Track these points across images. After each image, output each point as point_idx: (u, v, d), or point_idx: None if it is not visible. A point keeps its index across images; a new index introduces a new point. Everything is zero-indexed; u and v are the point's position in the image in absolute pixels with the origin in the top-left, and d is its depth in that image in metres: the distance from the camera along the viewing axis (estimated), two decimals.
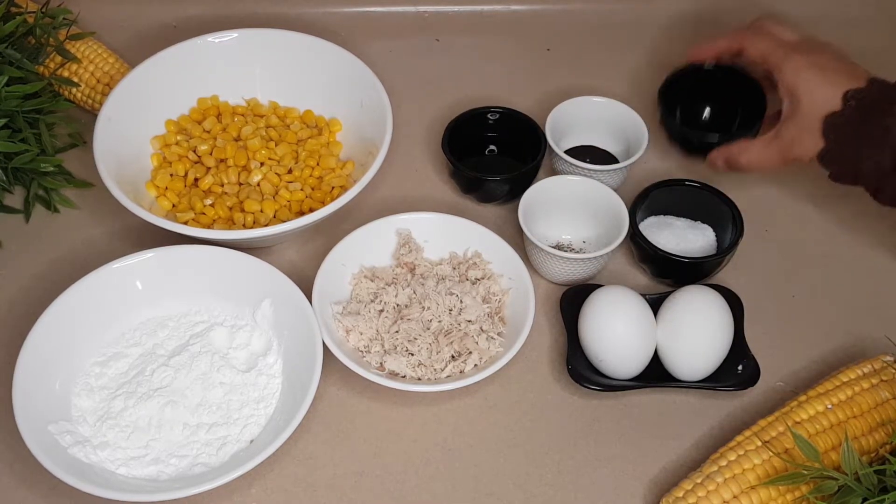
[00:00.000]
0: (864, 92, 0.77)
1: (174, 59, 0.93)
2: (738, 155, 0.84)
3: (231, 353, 0.80)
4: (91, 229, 0.90)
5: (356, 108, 0.93)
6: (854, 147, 0.77)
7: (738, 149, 0.85)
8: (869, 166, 0.77)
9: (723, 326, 0.78)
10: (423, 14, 1.09)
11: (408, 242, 0.85)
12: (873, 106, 0.76)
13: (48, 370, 0.76)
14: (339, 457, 0.76)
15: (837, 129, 0.78)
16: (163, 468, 0.73)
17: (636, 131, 0.91)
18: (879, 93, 0.77)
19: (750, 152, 0.84)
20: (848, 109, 0.77)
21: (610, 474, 0.75)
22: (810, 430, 0.71)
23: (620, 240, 0.83)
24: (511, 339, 0.79)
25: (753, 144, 0.84)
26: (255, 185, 0.89)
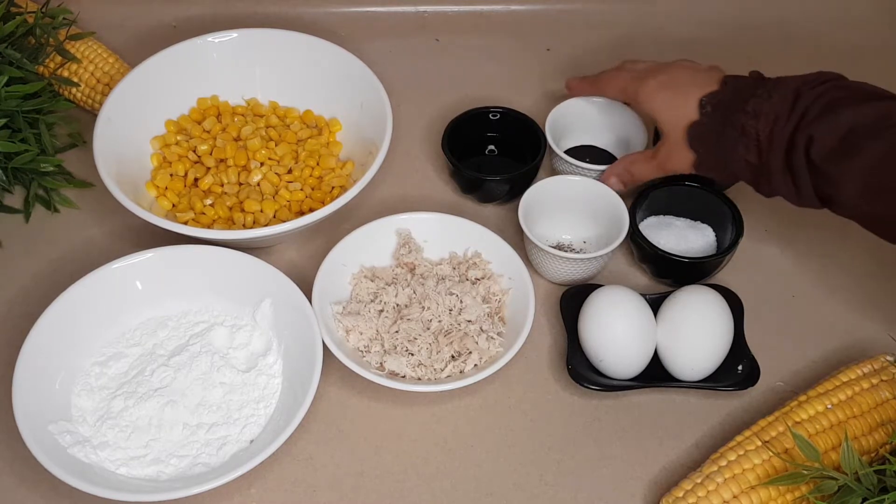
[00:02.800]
0: (717, 95, 0.78)
1: (174, 59, 0.93)
2: (629, 166, 0.86)
3: (231, 353, 0.80)
4: (91, 229, 0.90)
5: (356, 108, 0.93)
6: (722, 152, 0.78)
7: (628, 160, 0.86)
8: (739, 166, 0.78)
9: (723, 326, 0.78)
10: (423, 14, 1.09)
11: (408, 242, 0.85)
12: (728, 106, 0.77)
13: (48, 370, 0.76)
14: (339, 457, 0.76)
15: (701, 138, 0.79)
16: (163, 468, 0.73)
17: (636, 131, 0.91)
18: (733, 92, 0.78)
19: (635, 167, 0.86)
20: (705, 117, 0.79)
21: (610, 474, 0.75)
22: (810, 430, 0.71)
23: (620, 240, 0.83)
24: (511, 339, 0.79)
25: (637, 159, 0.86)
26: (255, 185, 0.89)
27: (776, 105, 0.75)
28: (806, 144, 0.73)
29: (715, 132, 0.78)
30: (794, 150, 0.74)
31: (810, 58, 0.98)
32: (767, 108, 0.75)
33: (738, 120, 0.76)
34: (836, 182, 0.72)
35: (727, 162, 0.78)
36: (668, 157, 0.83)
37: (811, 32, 1.09)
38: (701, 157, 0.80)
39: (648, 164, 0.85)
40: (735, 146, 0.77)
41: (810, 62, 0.82)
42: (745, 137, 0.76)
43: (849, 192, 0.72)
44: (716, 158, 0.79)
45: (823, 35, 1.09)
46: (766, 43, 1.08)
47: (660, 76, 0.83)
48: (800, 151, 0.73)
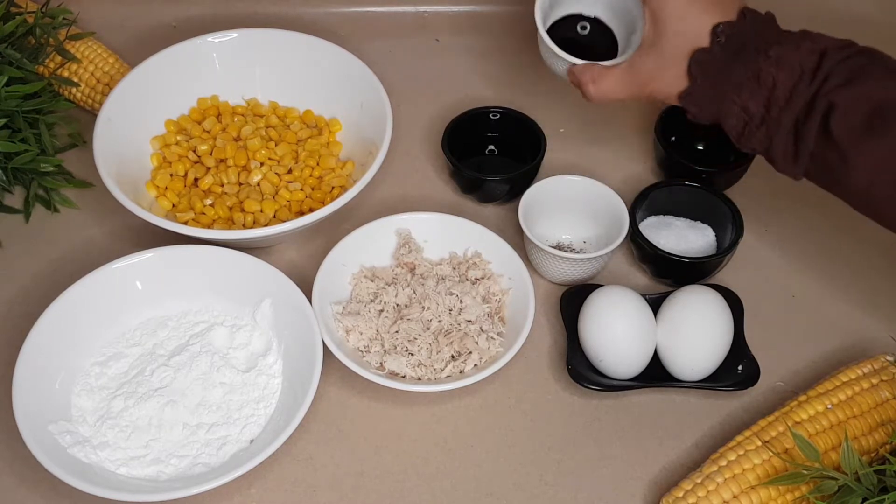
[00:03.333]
0: (735, 27, 0.70)
1: (174, 59, 0.93)
2: (588, 83, 0.77)
3: (231, 353, 0.80)
4: (91, 229, 0.90)
5: (356, 108, 0.93)
6: (720, 89, 0.71)
7: (589, 76, 0.77)
8: (732, 109, 0.71)
9: (723, 326, 0.78)
10: (423, 14, 1.09)
11: (408, 242, 0.85)
12: (745, 44, 0.70)
13: (48, 370, 0.76)
14: (339, 457, 0.76)
15: (703, 68, 0.71)
16: (163, 468, 0.73)
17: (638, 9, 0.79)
18: (752, 29, 0.70)
19: (604, 82, 0.76)
20: (716, 46, 0.70)
21: (610, 474, 0.75)
22: (810, 430, 0.71)
23: (620, 240, 0.83)
24: (511, 339, 0.79)
25: (607, 73, 0.76)
26: (255, 185, 0.89)
27: (803, 58, 0.68)
28: (825, 111, 0.67)
29: (722, 66, 0.70)
30: (812, 113, 0.67)
31: None
32: (793, 59, 0.68)
33: (754, 62, 0.69)
34: (849, 158, 0.67)
35: (721, 102, 0.71)
36: (652, 76, 0.74)
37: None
38: (695, 87, 0.72)
39: (620, 79, 0.76)
40: (739, 88, 0.70)
41: None
42: (756, 83, 0.69)
43: (863, 172, 0.66)
44: (710, 95, 0.72)
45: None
46: None
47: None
48: (817, 116, 0.67)
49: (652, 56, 0.73)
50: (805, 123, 0.68)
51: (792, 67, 0.68)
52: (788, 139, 0.70)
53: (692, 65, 0.71)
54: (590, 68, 0.77)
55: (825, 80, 0.67)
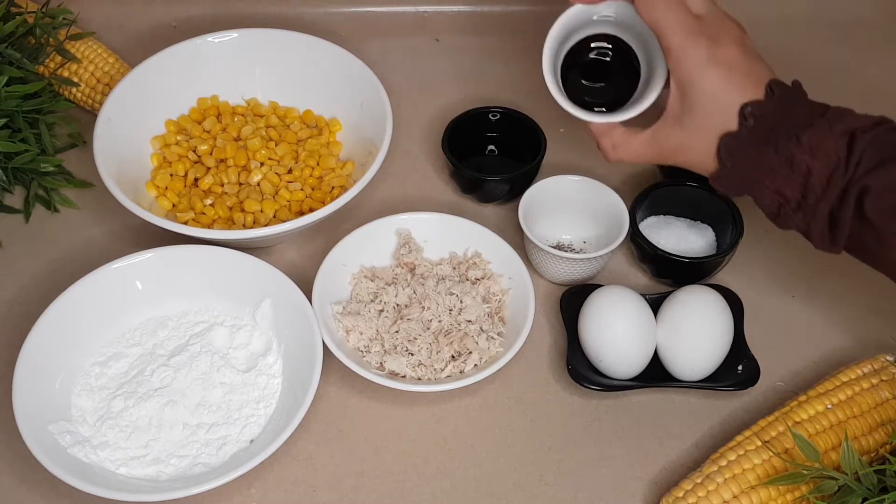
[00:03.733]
0: (763, 107, 0.68)
1: (174, 59, 0.93)
2: (610, 149, 0.76)
3: (231, 353, 0.80)
4: (91, 229, 0.90)
5: (356, 108, 0.93)
6: (751, 173, 0.70)
7: (610, 142, 0.76)
8: (766, 193, 0.70)
9: (723, 326, 0.78)
10: (423, 14, 1.09)
11: (408, 242, 0.85)
12: (774, 127, 0.68)
13: (48, 370, 0.76)
14: (339, 457, 0.76)
15: (732, 153, 0.69)
16: (163, 468, 0.73)
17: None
18: (780, 109, 0.69)
19: (626, 149, 0.75)
20: (744, 130, 0.69)
21: (610, 474, 0.75)
22: (810, 430, 0.71)
23: (620, 240, 0.83)
24: (511, 339, 0.79)
25: (629, 141, 0.75)
26: (255, 185, 0.89)
27: (837, 143, 0.67)
28: (859, 194, 0.66)
29: (752, 152, 0.69)
30: (847, 199, 0.67)
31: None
32: (827, 147, 0.67)
33: (786, 149, 0.68)
34: (885, 238, 0.66)
35: (752, 184, 0.70)
36: (679, 151, 0.72)
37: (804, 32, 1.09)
38: (724, 172, 0.71)
39: (644, 149, 0.74)
40: (773, 175, 0.69)
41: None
42: (789, 170, 0.68)
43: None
44: (741, 178, 0.70)
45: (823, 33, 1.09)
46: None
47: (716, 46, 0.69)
48: (850, 202, 0.67)
49: (678, 130, 0.72)
50: (840, 210, 0.68)
51: (827, 156, 0.67)
52: (825, 224, 0.69)
53: (721, 150, 0.70)
54: (610, 133, 0.76)
55: (857, 165, 0.66)
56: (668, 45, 0.70)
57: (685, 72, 0.69)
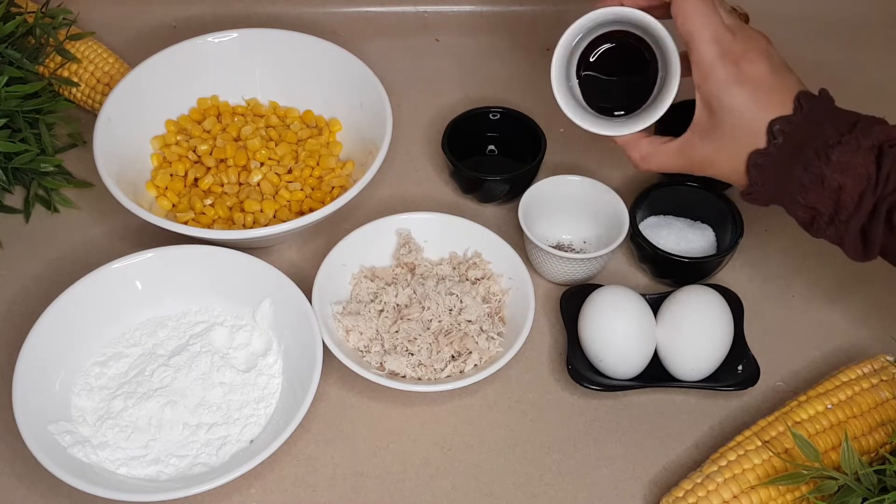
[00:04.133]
0: (791, 122, 0.69)
1: (174, 59, 0.93)
2: (640, 160, 0.77)
3: (231, 353, 0.80)
4: (91, 229, 0.90)
5: (356, 108, 0.93)
6: (782, 188, 0.70)
7: (639, 153, 0.76)
8: (799, 208, 0.70)
9: (723, 326, 0.78)
10: (423, 14, 1.09)
11: (408, 242, 0.85)
12: (803, 144, 0.68)
13: (48, 370, 0.76)
14: (339, 457, 0.76)
15: (762, 171, 0.70)
16: (163, 468, 0.73)
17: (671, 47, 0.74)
18: (809, 124, 0.69)
19: (656, 160, 0.76)
20: (773, 147, 0.69)
21: (610, 474, 0.75)
22: (810, 430, 0.71)
23: (620, 240, 0.83)
24: (511, 339, 0.79)
25: (659, 152, 0.75)
26: (255, 185, 0.89)
27: (865, 159, 0.67)
28: (889, 209, 0.67)
29: (781, 169, 0.69)
30: (877, 214, 0.67)
31: None
32: (857, 165, 0.67)
33: (815, 167, 0.68)
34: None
35: (783, 199, 0.71)
36: (709, 164, 0.73)
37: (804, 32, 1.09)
38: (754, 189, 0.71)
39: (673, 160, 0.75)
40: (805, 191, 0.69)
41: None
42: (820, 187, 0.68)
43: None
44: (772, 193, 0.71)
45: (825, 34, 1.09)
46: None
47: (744, 62, 0.69)
48: (881, 218, 0.67)
49: (706, 144, 0.72)
50: (871, 225, 0.68)
51: (857, 174, 0.67)
52: (857, 238, 0.69)
53: (751, 168, 0.70)
54: (637, 144, 0.76)
55: (886, 181, 0.67)
56: (700, 59, 0.70)
57: (713, 89, 0.70)
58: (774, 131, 0.69)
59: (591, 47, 0.78)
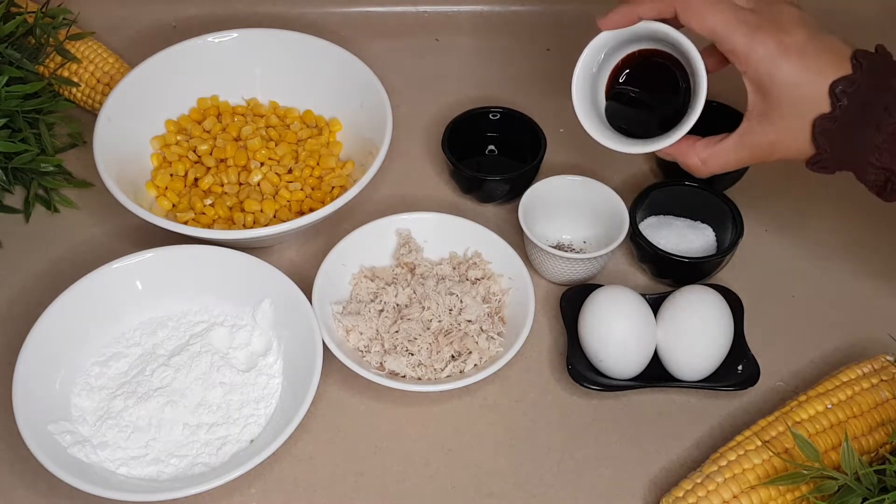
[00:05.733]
0: (853, 82, 0.66)
1: (174, 59, 0.93)
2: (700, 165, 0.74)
3: (231, 353, 0.80)
4: (91, 229, 0.90)
5: (356, 108, 0.93)
6: (853, 152, 0.67)
7: (696, 157, 0.74)
8: (871, 170, 0.68)
9: (723, 326, 0.78)
10: (423, 14, 1.09)
11: (408, 242, 0.85)
12: (870, 102, 0.65)
13: (48, 370, 0.76)
14: (339, 457, 0.76)
15: (830, 136, 0.67)
16: (163, 468, 0.73)
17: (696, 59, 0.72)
18: (871, 81, 0.66)
19: (717, 161, 0.73)
20: (838, 110, 0.66)
21: (610, 474, 0.75)
22: (810, 429, 0.71)
23: (620, 240, 0.83)
24: (511, 339, 0.79)
25: (718, 152, 0.73)
26: (255, 185, 0.89)
27: None
28: None
29: (851, 131, 0.66)
30: None
31: None
32: None
33: (886, 123, 0.65)
34: None
35: (855, 163, 0.68)
36: (774, 148, 0.70)
37: None
38: (824, 156, 0.68)
39: (736, 155, 0.72)
40: (878, 152, 0.66)
41: None
42: (894, 145, 0.65)
43: None
44: (842, 159, 0.68)
45: None
46: None
47: (780, 33, 0.67)
48: None
49: (767, 127, 0.70)
50: None
51: None
52: None
53: (818, 136, 0.67)
54: (692, 150, 0.73)
55: None
56: (732, 46, 0.68)
57: (759, 69, 0.67)
58: (837, 93, 0.66)
59: (615, 69, 0.77)
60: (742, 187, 0.92)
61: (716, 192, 0.88)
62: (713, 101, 0.91)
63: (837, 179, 0.94)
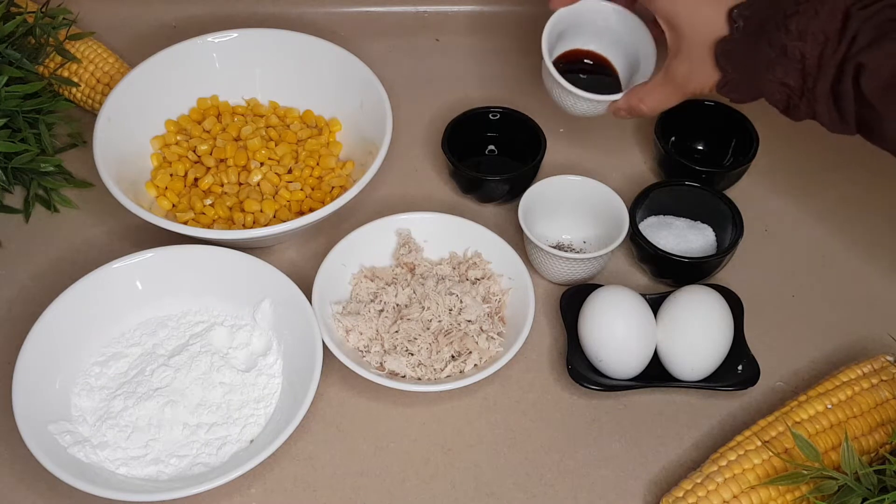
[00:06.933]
0: (750, 5, 0.70)
1: (174, 59, 0.93)
2: (639, 104, 0.79)
3: (231, 353, 0.80)
4: (91, 229, 0.90)
5: (356, 108, 0.93)
6: (753, 72, 0.71)
7: (636, 97, 0.79)
8: (772, 87, 0.70)
9: (723, 326, 0.78)
10: (423, 14, 1.09)
11: (408, 242, 0.85)
12: (765, 22, 0.69)
13: (48, 370, 0.76)
14: (339, 457, 0.76)
15: (731, 57, 0.71)
16: (163, 468, 0.73)
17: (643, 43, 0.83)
18: (768, 3, 0.69)
19: (650, 98, 0.79)
20: (736, 32, 0.70)
21: (610, 474, 0.75)
22: (810, 429, 0.71)
23: (620, 240, 0.83)
24: (511, 339, 0.79)
25: (650, 89, 0.78)
26: (255, 185, 0.89)
27: (824, 24, 0.66)
28: (855, 72, 0.66)
29: (748, 50, 0.70)
30: (843, 77, 0.67)
31: None
32: (815, 28, 0.67)
33: (777, 39, 0.68)
34: (883, 117, 0.66)
35: (759, 83, 0.71)
36: (688, 78, 0.75)
37: None
38: (728, 77, 0.72)
39: (663, 90, 0.77)
40: (772, 67, 0.69)
41: None
42: (785, 59, 0.68)
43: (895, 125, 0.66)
44: (746, 79, 0.72)
45: None
46: None
47: None
48: (848, 79, 0.66)
49: (680, 59, 0.74)
50: (839, 88, 0.68)
51: (815, 36, 0.67)
52: (830, 105, 0.69)
53: (719, 57, 0.72)
54: (633, 92, 0.79)
55: (853, 42, 0.66)
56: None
57: (663, 6, 0.73)
58: (734, 16, 0.70)
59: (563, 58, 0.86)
60: (742, 187, 0.92)
61: (716, 192, 0.88)
62: (712, 101, 0.91)
63: (837, 179, 0.94)
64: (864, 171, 0.94)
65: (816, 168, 0.95)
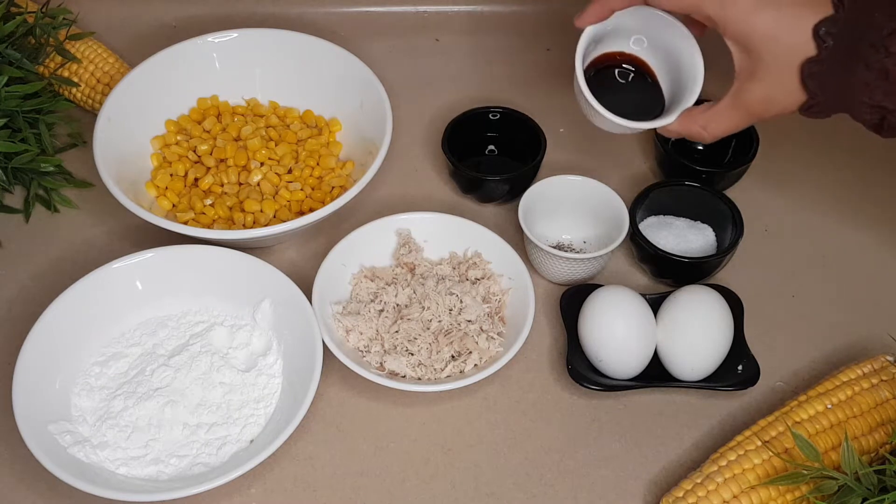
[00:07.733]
0: (837, 22, 0.64)
1: (174, 59, 0.93)
2: (701, 131, 0.73)
3: (231, 353, 0.80)
4: (91, 229, 0.90)
5: (356, 108, 0.93)
6: (845, 93, 0.66)
7: (698, 125, 0.73)
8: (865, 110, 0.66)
9: (723, 326, 0.78)
10: (423, 14, 1.09)
11: (408, 242, 0.85)
12: (856, 40, 0.64)
13: (48, 370, 0.76)
14: (339, 457, 0.76)
15: (821, 79, 0.66)
16: (163, 468, 0.73)
17: (688, 53, 0.75)
18: (856, 18, 0.64)
19: (716, 125, 0.73)
20: (824, 52, 0.65)
21: (610, 474, 0.75)
22: (810, 429, 0.71)
23: (620, 240, 0.83)
24: (511, 339, 0.79)
25: (715, 115, 0.72)
26: (255, 185, 0.89)
27: None
28: None
29: (839, 72, 0.65)
30: None
31: None
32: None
33: (876, 61, 0.63)
34: None
35: (848, 104, 0.66)
36: (767, 102, 0.69)
37: None
38: (815, 101, 0.67)
39: (732, 115, 0.71)
40: (870, 90, 0.64)
41: None
42: (886, 82, 0.63)
43: None
44: (834, 102, 0.66)
45: None
46: None
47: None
48: None
49: (756, 84, 0.69)
50: None
51: None
52: None
53: (807, 81, 0.66)
54: (693, 118, 0.73)
55: None
56: (706, 13, 0.68)
57: (738, 27, 0.67)
58: (822, 35, 0.65)
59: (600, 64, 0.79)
60: (742, 187, 0.92)
61: (716, 192, 0.88)
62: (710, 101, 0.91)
63: (837, 179, 0.94)
64: (864, 171, 0.94)
65: (816, 168, 0.95)
